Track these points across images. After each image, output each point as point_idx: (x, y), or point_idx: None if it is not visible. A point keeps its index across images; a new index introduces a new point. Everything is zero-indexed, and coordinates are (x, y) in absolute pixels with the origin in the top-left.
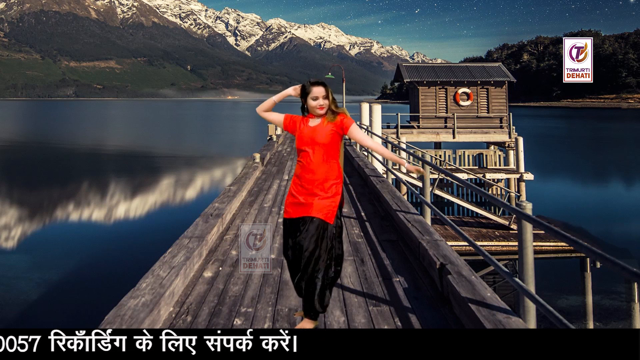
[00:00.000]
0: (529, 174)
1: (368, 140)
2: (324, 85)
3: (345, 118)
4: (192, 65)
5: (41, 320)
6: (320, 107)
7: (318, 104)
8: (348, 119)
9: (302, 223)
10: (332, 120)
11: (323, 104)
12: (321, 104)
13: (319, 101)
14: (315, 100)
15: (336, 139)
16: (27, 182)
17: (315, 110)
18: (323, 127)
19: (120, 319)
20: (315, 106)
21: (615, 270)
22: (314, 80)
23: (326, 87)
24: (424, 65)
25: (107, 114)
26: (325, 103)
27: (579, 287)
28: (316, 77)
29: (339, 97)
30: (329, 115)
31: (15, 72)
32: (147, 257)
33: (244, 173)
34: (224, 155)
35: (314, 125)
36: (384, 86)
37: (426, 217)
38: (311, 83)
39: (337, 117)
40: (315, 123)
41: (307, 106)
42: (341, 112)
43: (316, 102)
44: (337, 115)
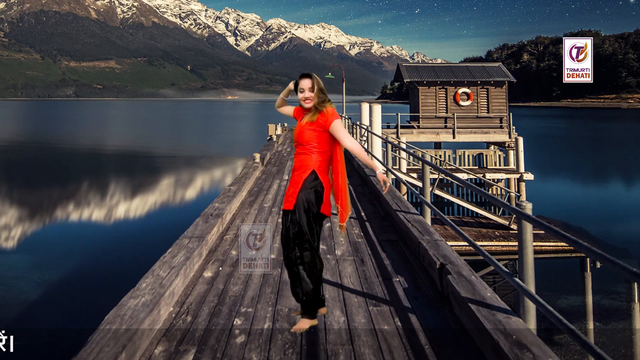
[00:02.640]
0: (529, 174)
1: (346, 140)
2: (310, 77)
3: (328, 115)
4: (192, 65)
5: (41, 320)
6: (305, 101)
7: (303, 96)
8: (331, 116)
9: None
10: (312, 119)
11: (308, 96)
12: (306, 96)
13: (305, 93)
14: (302, 92)
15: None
16: (27, 182)
17: (301, 103)
18: (308, 125)
19: (120, 319)
20: (301, 99)
21: (615, 270)
22: (304, 72)
23: (312, 80)
24: (424, 65)
25: (107, 114)
26: (311, 96)
27: (579, 287)
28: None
29: (339, 97)
30: (310, 113)
31: (15, 72)
32: (147, 257)
33: (244, 173)
34: (224, 155)
35: (304, 122)
36: (384, 86)
37: (426, 217)
38: (300, 76)
39: (317, 116)
40: (305, 120)
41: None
42: (323, 110)
43: (302, 95)
44: (317, 114)
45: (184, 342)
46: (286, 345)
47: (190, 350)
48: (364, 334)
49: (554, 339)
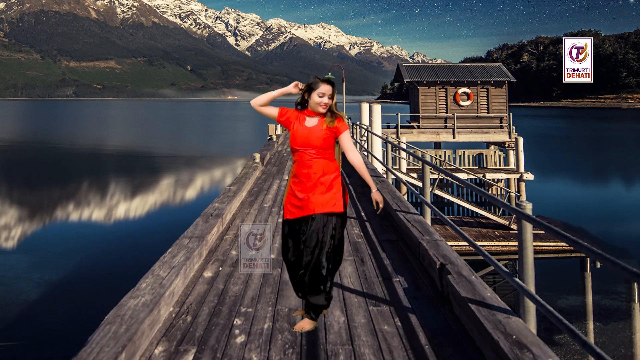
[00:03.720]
0: (529, 174)
1: (351, 153)
2: (333, 86)
3: (341, 123)
4: (192, 65)
5: (41, 320)
6: (323, 106)
7: (323, 101)
8: (343, 125)
9: (304, 223)
10: (331, 125)
11: (328, 102)
12: (326, 102)
13: (324, 99)
14: (321, 97)
15: (331, 142)
16: (27, 182)
17: (317, 107)
18: (320, 129)
19: (120, 319)
20: (319, 103)
21: (615, 270)
22: (325, 78)
23: (334, 88)
24: (424, 65)
25: (107, 114)
26: (329, 103)
27: (579, 287)
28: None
29: (339, 97)
30: (327, 118)
31: (15, 72)
32: (147, 257)
33: (244, 173)
34: (224, 155)
35: (311, 126)
36: (384, 86)
37: (426, 217)
38: (321, 80)
39: (335, 123)
40: (312, 124)
41: (310, 101)
42: (339, 117)
43: (321, 100)
44: (335, 121)
45: (184, 342)
46: (286, 345)
47: (190, 350)
48: (364, 334)
49: (554, 339)
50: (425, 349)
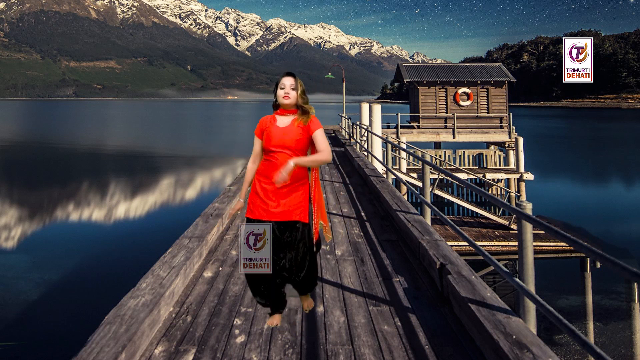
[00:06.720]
0: (529, 174)
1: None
2: (294, 77)
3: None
4: (192, 65)
5: (41, 320)
6: (284, 96)
7: (284, 92)
8: (315, 123)
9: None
10: (304, 122)
11: (289, 92)
12: (286, 92)
13: (285, 89)
14: (282, 89)
15: (304, 144)
16: (27, 182)
17: (280, 99)
18: (293, 128)
19: (120, 319)
20: (280, 95)
21: (615, 270)
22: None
23: (296, 79)
24: (424, 65)
25: (107, 114)
26: (293, 94)
27: (579, 287)
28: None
29: (339, 97)
30: (299, 116)
31: (15, 72)
32: (147, 257)
33: (244, 173)
34: (224, 155)
35: (284, 126)
36: (384, 86)
37: (426, 217)
38: (283, 74)
39: (308, 120)
40: (285, 123)
41: (278, 98)
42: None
43: (282, 91)
44: (309, 117)
45: (184, 342)
46: (286, 345)
47: (190, 350)
48: (364, 334)
49: (554, 339)
50: (425, 349)
